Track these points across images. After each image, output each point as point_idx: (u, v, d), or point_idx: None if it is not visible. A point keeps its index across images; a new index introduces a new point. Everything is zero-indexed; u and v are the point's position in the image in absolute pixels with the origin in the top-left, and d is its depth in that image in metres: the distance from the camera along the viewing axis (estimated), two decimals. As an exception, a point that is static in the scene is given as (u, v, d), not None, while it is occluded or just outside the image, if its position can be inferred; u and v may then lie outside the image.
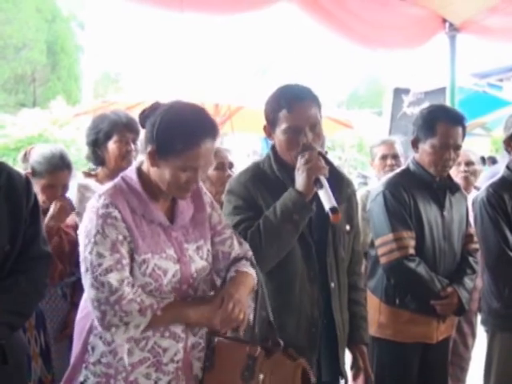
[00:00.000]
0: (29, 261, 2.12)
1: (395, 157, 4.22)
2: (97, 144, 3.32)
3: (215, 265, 2.24)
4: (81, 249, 2.04)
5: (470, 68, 8.78)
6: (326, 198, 2.25)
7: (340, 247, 2.53)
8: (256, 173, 2.51)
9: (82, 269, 2.02)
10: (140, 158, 2.25)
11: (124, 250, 2.01)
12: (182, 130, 2.00)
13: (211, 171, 3.57)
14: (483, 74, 8.71)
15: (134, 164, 2.19)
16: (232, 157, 3.79)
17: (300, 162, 2.34)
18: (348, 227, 2.57)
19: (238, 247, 2.25)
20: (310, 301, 2.45)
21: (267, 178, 2.48)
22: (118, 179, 2.14)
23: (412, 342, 3.06)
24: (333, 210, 2.22)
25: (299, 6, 4.66)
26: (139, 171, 2.12)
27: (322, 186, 2.29)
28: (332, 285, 2.50)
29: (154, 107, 2.10)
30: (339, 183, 2.50)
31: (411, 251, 3.01)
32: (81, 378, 2.10)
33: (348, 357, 2.64)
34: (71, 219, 3.21)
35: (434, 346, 3.12)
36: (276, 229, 2.31)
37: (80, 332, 2.17)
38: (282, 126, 2.41)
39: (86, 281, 2.00)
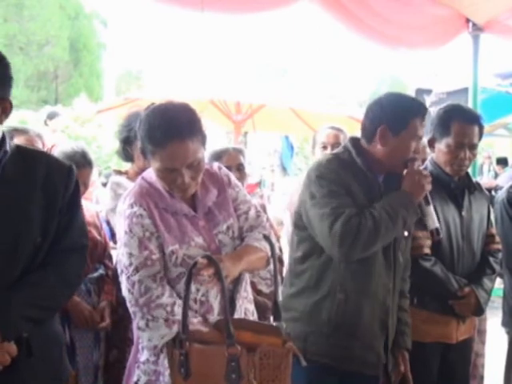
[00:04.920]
0: (60, 253, 2.04)
1: (424, 161, 4.11)
2: (128, 141, 3.27)
3: None
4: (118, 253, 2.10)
5: (493, 68, 8.69)
6: (431, 217, 2.57)
7: (398, 252, 2.61)
8: (341, 161, 2.55)
9: (119, 271, 2.07)
10: None
11: (153, 246, 2.04)
12: (149, 133, 2.06)
13: None
14: (506, 74, 8.60)
15: None
16: (244, 158, 3.65)
17: (418, 170, 2.52)
18: (406, 233, 2.66)
19: (253, 220, 2.27)
20: (385, 288, 2.54)
21: (351, 167, 2.53)
22: (139, 179, 2.20)
23: (431, 342, 3.04)
24: (437, 231, 2.58)
25: (320, 5, 4.63)
26: None
27: (429, 203, 2.56)
28: (390, 285, 2.58)
29: (146, 109, 2.16)
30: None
31: (426, 250, 2.98)
32: (134, 378, 2.14)
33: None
34: (91, 216, 3.23)
35: (455, 347, 3.08)
36: (391, 223, 2.41)
37: (135, 332, 2.20)
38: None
39: (122, 282, 2.04)
